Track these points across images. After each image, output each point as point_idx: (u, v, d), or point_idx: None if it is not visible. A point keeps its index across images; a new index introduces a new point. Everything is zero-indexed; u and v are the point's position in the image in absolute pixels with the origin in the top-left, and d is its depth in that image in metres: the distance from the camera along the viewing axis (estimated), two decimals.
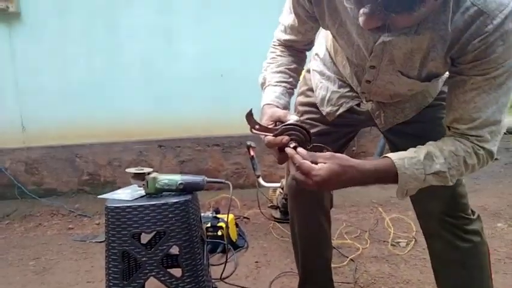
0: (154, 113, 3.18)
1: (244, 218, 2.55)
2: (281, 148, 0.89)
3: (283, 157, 0.90)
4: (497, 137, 0.86)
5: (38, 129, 3.20)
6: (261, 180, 2.15)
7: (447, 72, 1.04)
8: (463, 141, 0.86)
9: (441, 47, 0.81)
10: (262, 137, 0.90)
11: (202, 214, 2.23)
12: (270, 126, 0.92)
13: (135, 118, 3.18)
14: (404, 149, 1.09)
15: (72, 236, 2.39)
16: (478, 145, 0.85)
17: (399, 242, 2.09)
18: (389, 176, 0.85)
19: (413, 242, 2.07)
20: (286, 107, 1.02)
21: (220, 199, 2.77)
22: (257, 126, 0.90)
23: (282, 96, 1.03)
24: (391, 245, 2.05)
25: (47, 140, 3.20)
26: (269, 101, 1.00)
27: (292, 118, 0.91)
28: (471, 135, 0.85)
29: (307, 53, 1.17)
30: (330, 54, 1.11)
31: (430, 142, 0.89)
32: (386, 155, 0.89)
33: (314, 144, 0.92)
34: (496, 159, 0.90)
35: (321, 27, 1.00)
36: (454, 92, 0.85)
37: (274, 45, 1.11)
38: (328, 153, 0.85)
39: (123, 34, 3.15)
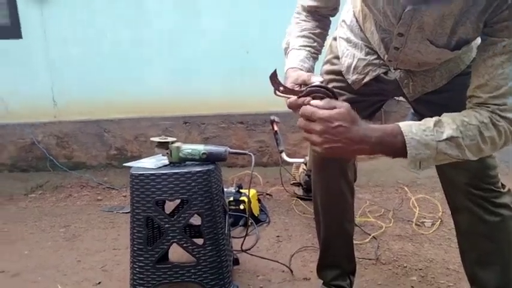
0: (180, 89, 3.20)
1: (267, 194, 2.56)
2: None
3: (296, 103, 0.85)
4: None
5: (68, 103, 3.29)
6: (284, 156, 2.13)
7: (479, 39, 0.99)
8: (479, 111, 0.80)
9: (474, 11, 0.77)
10: (286, 99, 0.88)
11: (225, 189, 2.26)
12: (295, 89, 0.90)
13: (161, 94, 3.22)
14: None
15: (100, 207, 2.47)
16: (499, 115, 0.79)
17: (424, 222, 2.04)
18: (397, 140, 0.77)
19: (439, 222, 2.02)
20: (310, 71, 0.99)
21: (244, 175, 2.79)
22: (281, 88, 0.87)
23: (306, 60, 1.00)
24: (416, 224, 2.01)
25: (76, 114, 3.29)
26: (293, 64, 0.98)
27: (317, 79, 0.88)
28: (493, 104, 0.79)
29: (334, 20, 1.13)
30: (357, 21, 1.07)
31: (443, 114, 0.82)
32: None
33: None
34: None
35: None
36: (483, 56, 0.80)
37: (298, 11, 1.08)
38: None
39: (150, 8, 3.16)
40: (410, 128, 0.78)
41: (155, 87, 3.22)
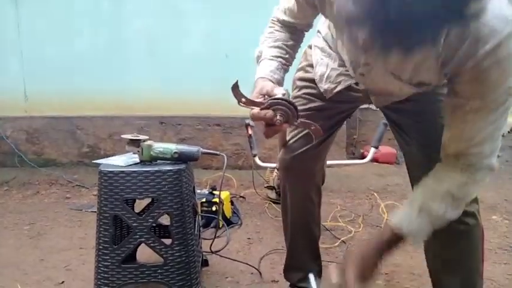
0: (156, 89, 3.18)
1: (240, 197, 2.56)
2: (267, 122, 0.88)
3: (269, 131, 0.89)
4: (496, 152, 0.86)
5: (40, 99, 3.21)
6: (257, 160, 2.15)
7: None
8: (456, 172, 0.88)
9: (435, 61, 0.79)
10: (250, 109, 0.89)
11: (198, 191, 2.25)
12: (257, 100, 0.90)
13: (137, 93, 3.18)
14: (404, 125, 1.08)
15: (68, 205, 2.41)
16: (476, 166, 0.86)
17: None
18: (399, 237, 0.91)
19: None
20: (280, 82, 1.01)
21: (218, 177, 2.78)
22: (243, 99, 0.88)
23: (277, 71, 1.01)
24: None
25: (48, 110, 3.21)
26: (263, 74, 0.99)
27: (279, 92, 0.90)
28: (470, 154, 0.85)
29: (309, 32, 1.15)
30: (332, 34, 1.09)
31: (420, 186, 0.94)
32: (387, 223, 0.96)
33: (302, 120, 0.91)
34: (498, 156, 0.89)
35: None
36: (453, 113, 0.84)
37: (273, 21, 1.08)
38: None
39: (129, 8, 3.13)
40: (406, 225, 0.90)
41: (131, 86, 3.19)
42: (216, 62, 3.17)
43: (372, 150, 2.05)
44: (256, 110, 0.87)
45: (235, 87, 0.87)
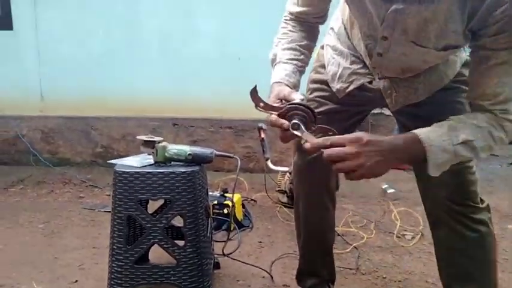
0: (170, 90, 3.20)
1: (252, 200, 2.56)
2: (284, 128, 0.88)
3: (286, 136, 0.88)
4: None
5: (55, 99, 3.26)
6: (269, 163, 2.12)
7: (467, 54, 1.01)
8: (485, 114, 0.83)
9: (459, 18, 0.78)
10: (268, 115, 0.90)
11: (210, 193, 2.24)
12: (275, 105, 0.90)
13: (150, 94, 3.20)
14: None
15: (82, 204, 2.44)
16: (502, 117, 0.83)
17: (405, 235, 2.06)
18: (418, 147, 0.80)
19: (419, 235, 2.04)
20: (296, 86, 1.01)
21: (229, 180, 2.78)
22: (262, 104, 0.88)
23: (293, 75, 1.01)
24: (397, 236, 2.03)
25: (64, 110, 3.26)
26: (279, 78, 0.99)
27: (297, 97, 0.90)
28: (495, 110, 0.83)
29: (322, 29, 1.14)
30: (345, 28, 1.08)
31: (450, 117, 0.86)
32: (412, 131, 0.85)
33: (319, 125, 0.90)
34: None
35: None
36: (478, 68, 0.83)
37: (286, 19, 1.08)
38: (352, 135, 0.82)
39: (143, 9, 3.16)
40: (428, 135, 0.81)
41: (145, 87, 3.21)
42: (228, 64, 3.18)
43: None
44: (274, 117, 0.88)
45: (253, 92, 0.87)
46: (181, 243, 1.34)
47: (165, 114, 3.25)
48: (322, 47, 1.18)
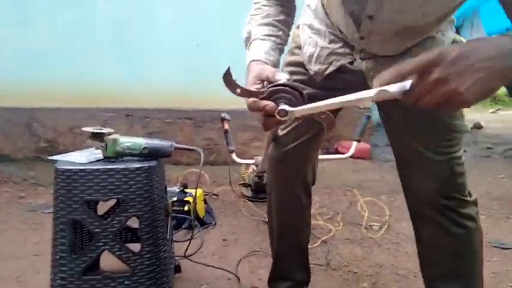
0: (123, 79, 2.97)
1: (214, 194, 2.43)
2: (268, 113, 0.73)
3: (270, 123, 0.75)
4: None
5: None
6: (234, 156, 2.02)
7: (454, 33, 0.92)
8: None
9: None
10: (246, 99, 0.76)
11: (169, 189, 2.09)
12: (254, 89, 0.76)
13: (101, 83, 2.95)
14: (400, 120, 0.97)
15: (22, 206, 2.19)
16: None
17: (372, 226, 2.03)
18: None
19: (386, 225, 2.01)
20: (275, 65, 0.88)
21: (189, 174, 2.62)
22: (238, 90, 0.73)
23: (272, 52, 0.88)
24: (365, 228, 1.98)
25: (2, 101, 2.92)
26: (257, 56, 0.85)
27: (283, 77, 0.76)
28: None
29: (298, 8, 1.03)
30: (322, 4, 0.97)
31: None
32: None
33: None
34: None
35: None
36: None
37: None
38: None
39: None
40: None
41: (95, 75, 2.96)
42: (186, 52, 3.01)
43: (354, 144, 1.96)
44: (252, 99, 0.73)
45: (227, 76, 0.72)
46: (137, 247, 1.19)
47: (117, 104, 3.01)
48: (298, 27, 1.06)
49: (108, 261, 1.36)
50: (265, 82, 0.77)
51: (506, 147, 4.31)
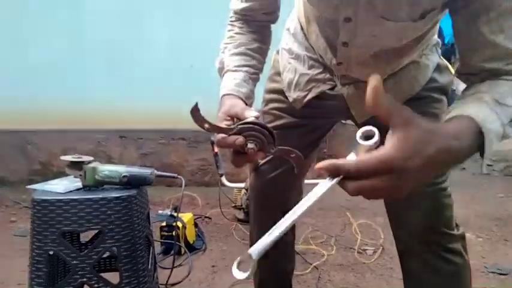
0: (116, 100, 2.96)
1: (206, 217, 2.39)
2: (236, 150, 0.72)
3: (239, 160, 0.73)
4: None
5: None
6: (224, 180, 2.00)
7: (439, 57, 0.91)
8: (507, 79, 0.66)
9: None
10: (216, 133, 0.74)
11: (160, 212, 2.06)
12: (223, 125, 0.74)
13: (94, 105, 2.95)
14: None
15: (12, 230, 2.15)
16: None
17: (366, 250, 1.98)
18: (474, 137, 0.58)
19: (380, 249, 1.97)
20: (249, 97, 0.86)
21: (183, 196, 2.58)
22: (206, 125, 0.71)
23: (244, 84, 0.86)
24: (358, 252, 1.94)
25: None
26: (228, 90, 0.84)
27: (251, 115, 0.74)
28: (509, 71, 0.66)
29: (277, 33, 1.02)
30: (302, 27, 0.96)
31: (477, 88, 0.66)
32: (453, 113, 0.62)
33: (279, 147, 0.75)
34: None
35: None
36: (474, 26, 0.66)
37: (231, 21, 0.94)
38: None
39: (87, 16, 2.93)
40: (485, 117, 0.59)
41: (88, 97, 2.96)
42: (180, 72, 3.01)
43: None
44: (221, 135, 0.72)
45: (194, 111, 0.69)
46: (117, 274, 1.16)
47: (111, 125, 3.00)
48: (278, 52, 1.05)
49: None
50: (235, 119, 0.75)
51: (506, 164, 4.26)
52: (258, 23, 0.92)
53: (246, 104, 0.82)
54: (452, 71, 0.97)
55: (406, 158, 0.50)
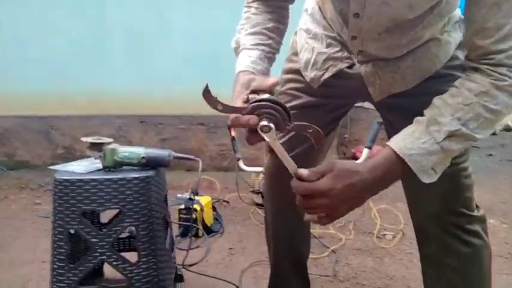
0: (136, 86, 2.99)
1: (224, 201, 2.41)
2: (251, 128, 0.71)
3: (253, 138, 0.72)
4: None
5: (11, 98, 3.00)
6: (241, 164, 1.98)
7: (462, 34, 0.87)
8: (474, 80, 0.71)
9: None
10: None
11: (179, 195, 2.09)
12: (239, 102, 0.74)
13: (116, 91, 2.99)
14: (401, 129, 0.92)
15: (37, 212, 2.23)
16: (504, 61, 0.68)
17: (385, 235, 1.96)
18: (398, 164, 0.71)
19: (400, 235, 1.94)
20: (264, 74, 0.85)
21: (202, 180, 2.61)
22: (219, 107, 0.70)
23: (260, 61, 0.85)
24: (377, 237, 1.92)
25: (20, 108, 3.01)
26: (244, 67, 0.83)
27: (271, 81, 0.73)
28: (497, 51, 0.68)
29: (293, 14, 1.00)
30: (319, 5, 0.94)
31: (433, 101, 0.74)
32: (387, 143, 0.75)
33: (295, 123, 0.74)
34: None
35: None
36: (475, 3, 0.69)
37: (248, 2, 0.93)
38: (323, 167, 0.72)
39: (109, 2, 2.95)
40: (404, 144, 0.71)
41: (109, 83, 3.00)
42: (200, 60, 3.01)
43: (366, 151, 1.87)
44: (235, 115, 0.71)
45: (206, 93, 0.68)
46: (135, 256, 1.18)
47: (131, 111, 3.04)
48: (296, 33, 1.03)
49: (112, 270, 1.37)
50: (250, 96, 0.74)
51: None
52: (275, 3, 0.91)
53: None
54: None
55: (329, 189, 0.69)
